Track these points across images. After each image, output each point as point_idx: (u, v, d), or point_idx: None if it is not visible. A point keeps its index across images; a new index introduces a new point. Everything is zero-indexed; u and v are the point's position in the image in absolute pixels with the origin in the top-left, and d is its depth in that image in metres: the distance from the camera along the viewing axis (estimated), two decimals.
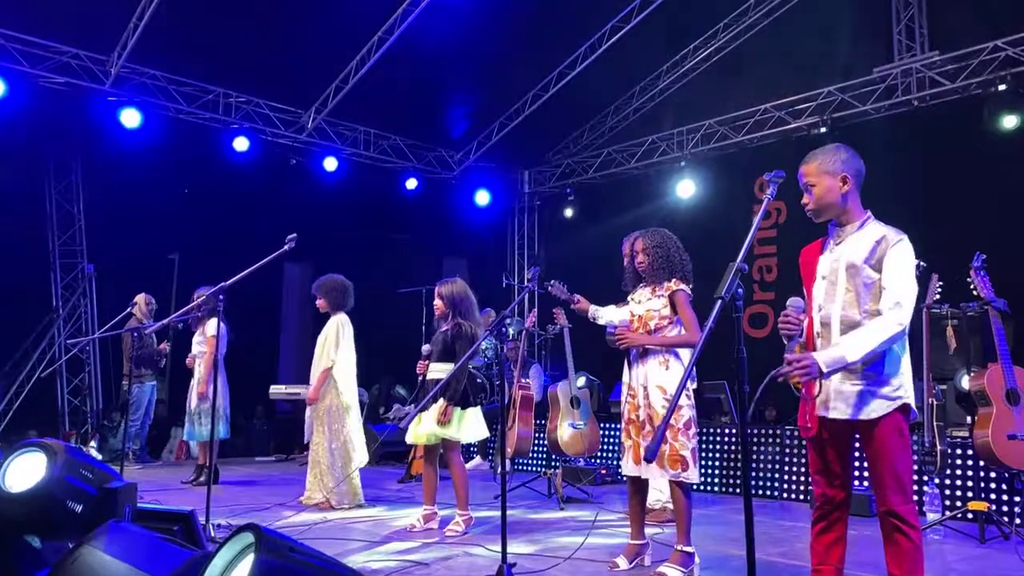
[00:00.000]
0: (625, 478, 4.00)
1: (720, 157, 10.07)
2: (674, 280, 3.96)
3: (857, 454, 5.71)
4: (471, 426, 4.95)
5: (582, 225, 11.33)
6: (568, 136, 11.66)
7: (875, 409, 2.65)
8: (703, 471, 6.93)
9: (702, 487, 6.86)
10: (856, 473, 5.87)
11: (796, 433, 6.46)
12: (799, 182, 2.88)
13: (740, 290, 2.14)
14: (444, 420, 4.74)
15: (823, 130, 8.88)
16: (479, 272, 11.15)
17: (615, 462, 7.49)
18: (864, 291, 2.69)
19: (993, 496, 4.95)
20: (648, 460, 2.00)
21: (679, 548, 3.75)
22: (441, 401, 4.76)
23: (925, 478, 5.06)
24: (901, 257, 2.68)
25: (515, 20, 8.98)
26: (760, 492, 6.56)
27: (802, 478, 6.29)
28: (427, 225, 11.31)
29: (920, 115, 8.37)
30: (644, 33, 9.23)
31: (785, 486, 6.38)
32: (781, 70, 9.57)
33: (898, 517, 2.60)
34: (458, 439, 4.91)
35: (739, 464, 6.77)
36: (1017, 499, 4.77)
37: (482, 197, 11.66)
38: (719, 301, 2.09)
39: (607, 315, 5.18)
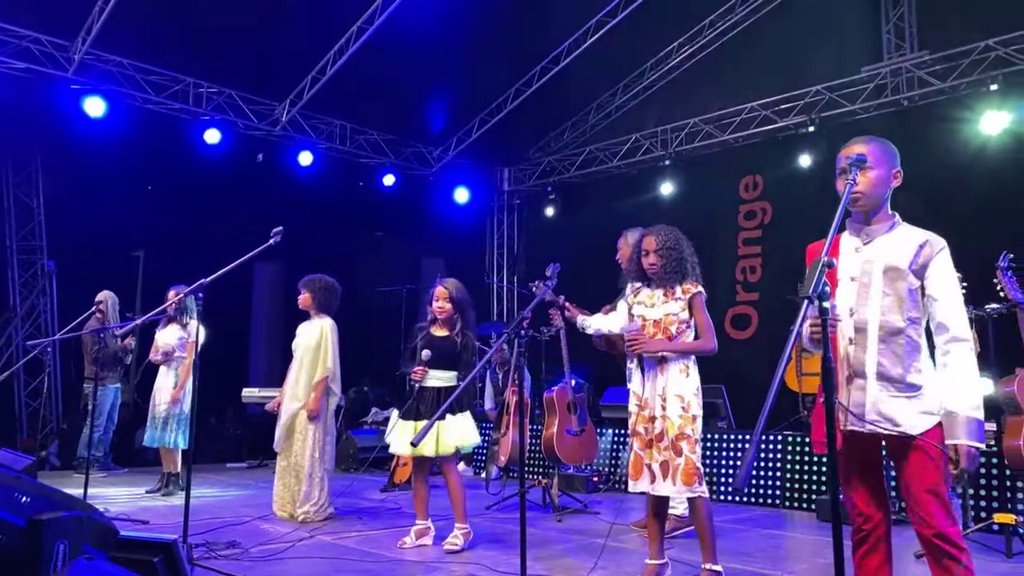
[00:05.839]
0: (644, 494, 3.72)
1: (704, 156, 9.91)
2: (690, 282, 3.73)
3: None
4: (467, 433, 4.65)
5: (563, 224, 11.11)
6: (549, 134, 11.43)
7: (918, 424, 2.45)
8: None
9: None
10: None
11: (795, 439, 6.28)
12: (839, 163, 2.60)
13: (827, 288, 1.89)
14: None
15: (811, 129, 8.77)
16: (457, 271, 10.76)
17: (608, 469, 7.25)
18: (908, 297, 2.49)
19: (1021, 507, 4.77)
20: (739, 488, 1.74)
21: (707, 567, 3.50)
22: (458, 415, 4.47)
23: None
24: (948, 265, 2.51)
25: (498, 13, 8.73)
26: (758, 500, 6.35)
27: (804, 486, 6.09)
28: (404, 223, 10.99)
29: (910, 115, 8.28)
30: (629, 29, 9.04)
31: (788, 494, 6.17)
32: (768, 68, 9.44)
33: (949, 541, 2.39)
34: (453, 449, 4.60)
35: (738, 471, 6.55)
36: None
37: (461, 195, 11.38)
38: (806, 301, 1.84)
39: (595, 323, 4.93)
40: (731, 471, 6.53)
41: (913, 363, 2.48)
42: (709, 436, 6.77)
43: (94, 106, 8.17)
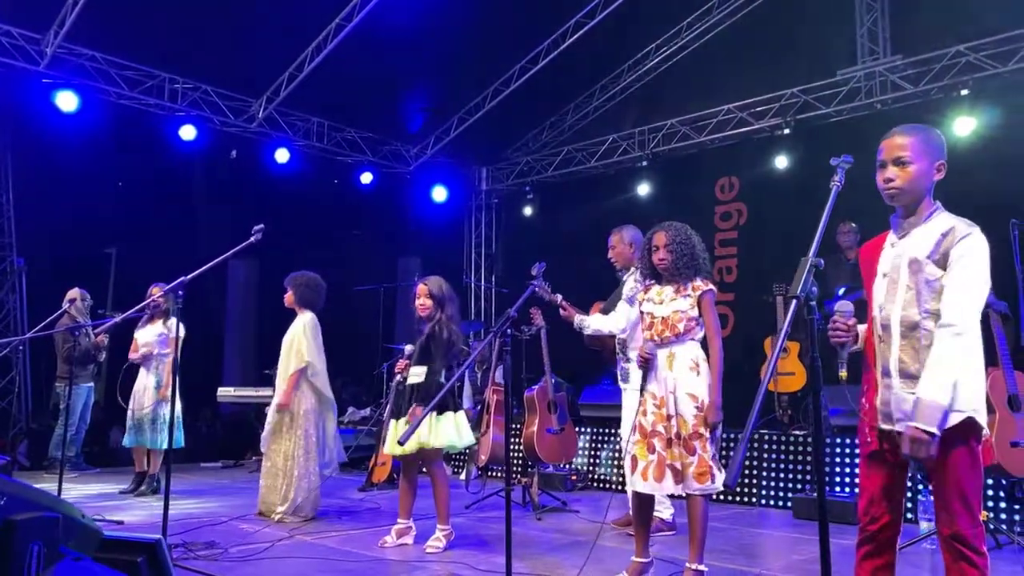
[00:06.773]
0: (631, 492, 3.73)
1: (681, 157, 9.98)
2: (700, 279, 3.74)
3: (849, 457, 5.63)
4: (448, 431, 4.62)
5: (541, 224, 11.14)
6: (528, 133, 11.44)
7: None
8: None
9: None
10: (848, 480, 5.77)
11: (771, 437, 6.34)
12: (880, 154, 2.54)
13: (815, 289, 1.91)
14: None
15: (786, 131, 8.87)
16: (435, 270, 10.77)
17: (587, 467, 7.28)
18: (926, 289, 2.41)
19: (991, 504, 4.87)
20: (729, 487, 1.76)
21: (692, 566, 3.52)
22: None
23: (920, 487, 4.97)
24: (970, 252, 2.37)
25: (478, 12, 8.71)
26: (734, 498, 6.40)
27: (781, 483, 6.16)
28: (382, 221, 10.97)
29: (883, 118, 8.39)
30: (607, 30, 9.07)
31: (764, 492, 6.24)
32: (744, 71, 9.52)
33: (965, 543, 2.35)
34: (438, 446, 4.57)
35: (727, 469, 6.60)
36: (1017, 507, 4.71)
37: (439, 193, 11.35)
38: (794, 301, 1.86)
39: (594, 323, 4.96)
40: None
41: None
42: None
43: (66, 101, 8.04)
